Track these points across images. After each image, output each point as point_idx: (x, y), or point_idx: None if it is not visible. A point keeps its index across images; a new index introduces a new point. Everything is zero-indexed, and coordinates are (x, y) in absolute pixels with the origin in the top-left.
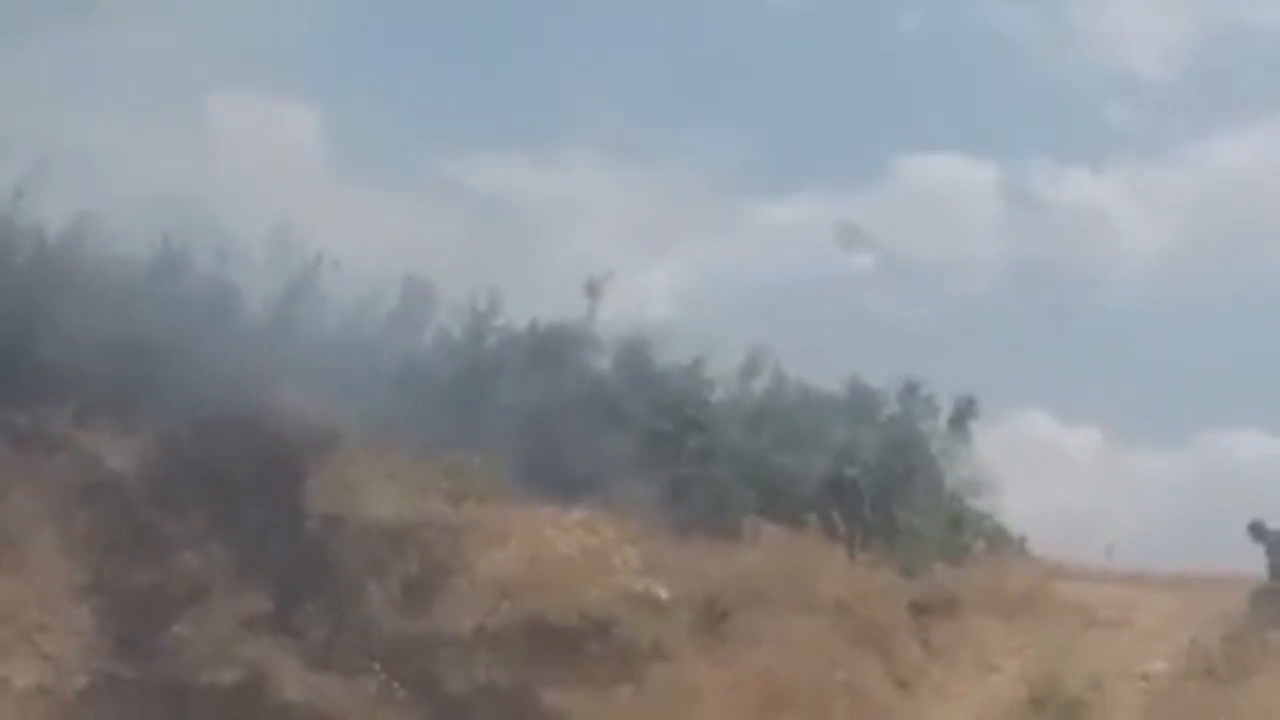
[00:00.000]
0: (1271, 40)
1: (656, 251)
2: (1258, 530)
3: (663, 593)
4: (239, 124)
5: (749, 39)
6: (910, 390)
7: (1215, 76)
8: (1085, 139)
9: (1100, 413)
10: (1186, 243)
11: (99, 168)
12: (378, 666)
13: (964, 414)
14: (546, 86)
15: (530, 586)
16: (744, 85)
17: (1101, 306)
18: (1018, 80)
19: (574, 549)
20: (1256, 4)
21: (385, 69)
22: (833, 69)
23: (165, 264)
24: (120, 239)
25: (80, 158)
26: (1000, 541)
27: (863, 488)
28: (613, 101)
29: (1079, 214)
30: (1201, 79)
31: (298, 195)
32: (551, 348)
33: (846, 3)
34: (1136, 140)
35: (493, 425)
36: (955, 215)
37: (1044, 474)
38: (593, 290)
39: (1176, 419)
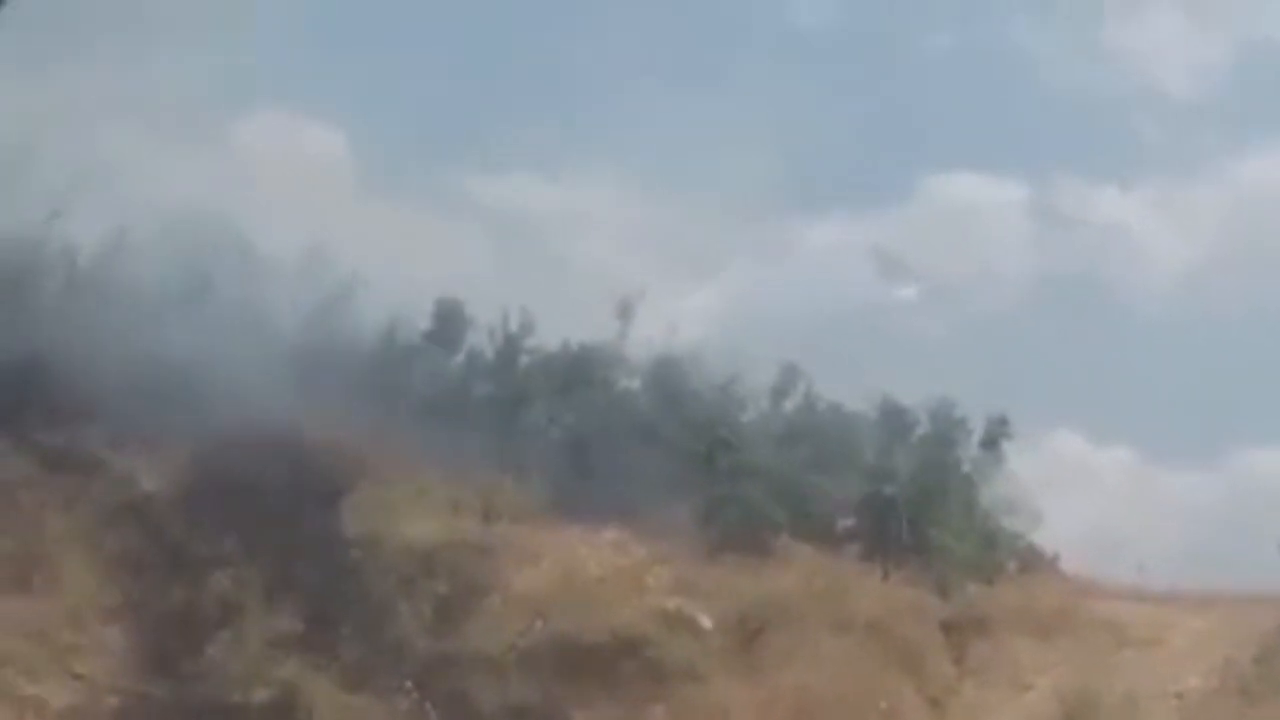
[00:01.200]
0: None
1: (687, 273)
2: None
3: (705, 621)
4: (269, 145)
5: (776, 61)
6: (943, 410)
7: (1245, 93)
8: (1115, 156)
9: (1131, 432)
10: (1216, 259)
11: (131, 189)
12: (410, 685)
13: (996, 434)
14: (576, 109)
15: (562, 606)
16: (772, 107)
17: (1131, 324)
18: (1047, 99)
19: (606, 569)
20: None
21: (415, 90)
22: (861, 89)
23: (197, 285)
24: (153, 260)
25: (112, 179)
26: (1033, 560)
27: (895, 507)
28: (642, 125)
29: (1109, 231)
30: (1231, 96)
31: (328, 215)
32: (583, 368)
33: (875, 24)
34: (1166, 157)
35: (525, 446)
36: (985, 234)
37: (1075, 493)
38: (624, 311)
39: (1207, 438)
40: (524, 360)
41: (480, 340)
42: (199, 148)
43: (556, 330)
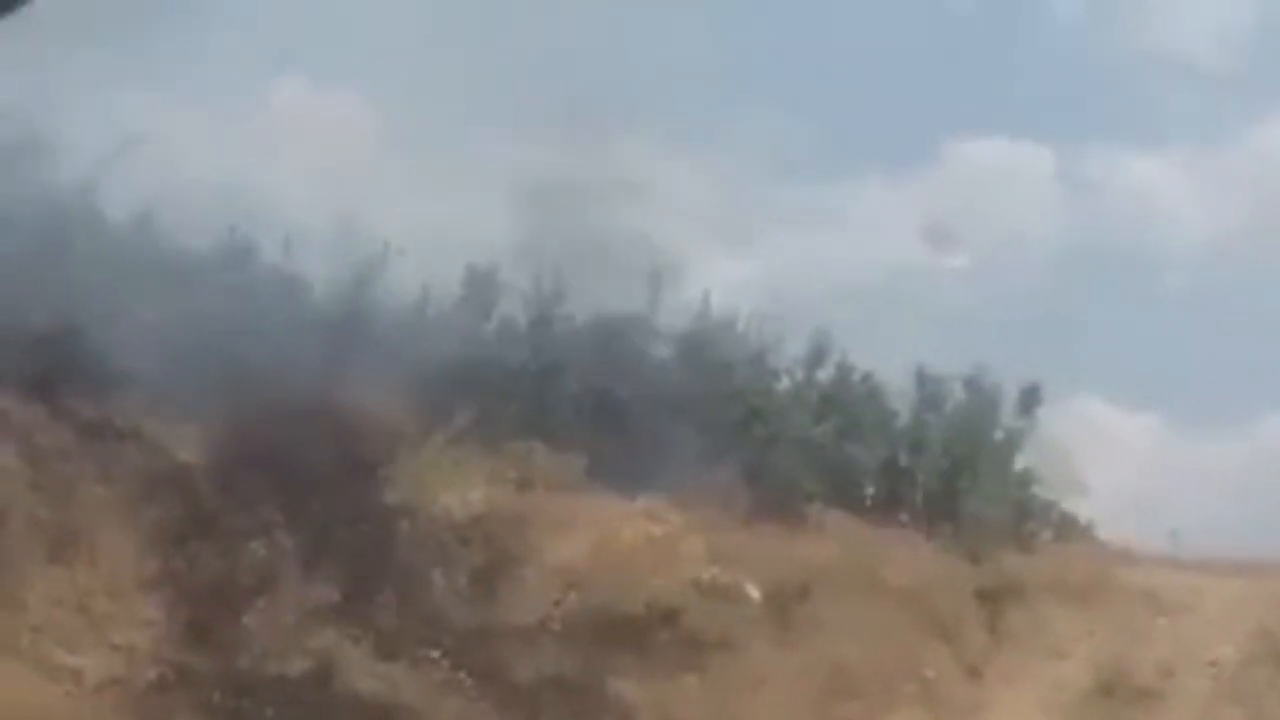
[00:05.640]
0: None
1: (720, 241)
2: None
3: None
4: (300, 113)
5: (801, 25)
6: (975, 378)
7: (1272, 61)
8: (1142, 122)
9: (1160, 398)
10: (1244, 226)
11: (165, 158)
12: (444, 656)
13: (1029, 401)
14: (605, 74)
15: (597, 576)
16: (797, 72)
17: (1159, 290)
18: (1074, 64)
19: (640, 538)
20: None
21: (446, 56)
22: (887, 54)
23: (232, 254)
24: (185, 229)
25: (146, 149)
26: (1067, 528)
27: (929, 475)
28: (668, 90)
29: (1136, 198)
30: (1258, 62)
31: (360, 184)
32: (617, 337)
33: None
34: (1194, 124)
35: (559, 414)
36: (1012, 200)
37: (1104, 460)
38: (658, 279)
39: (1236, 404)
40: (557, 328)
41: (513, 308)
42: (233, 117)
43: (590, 299)
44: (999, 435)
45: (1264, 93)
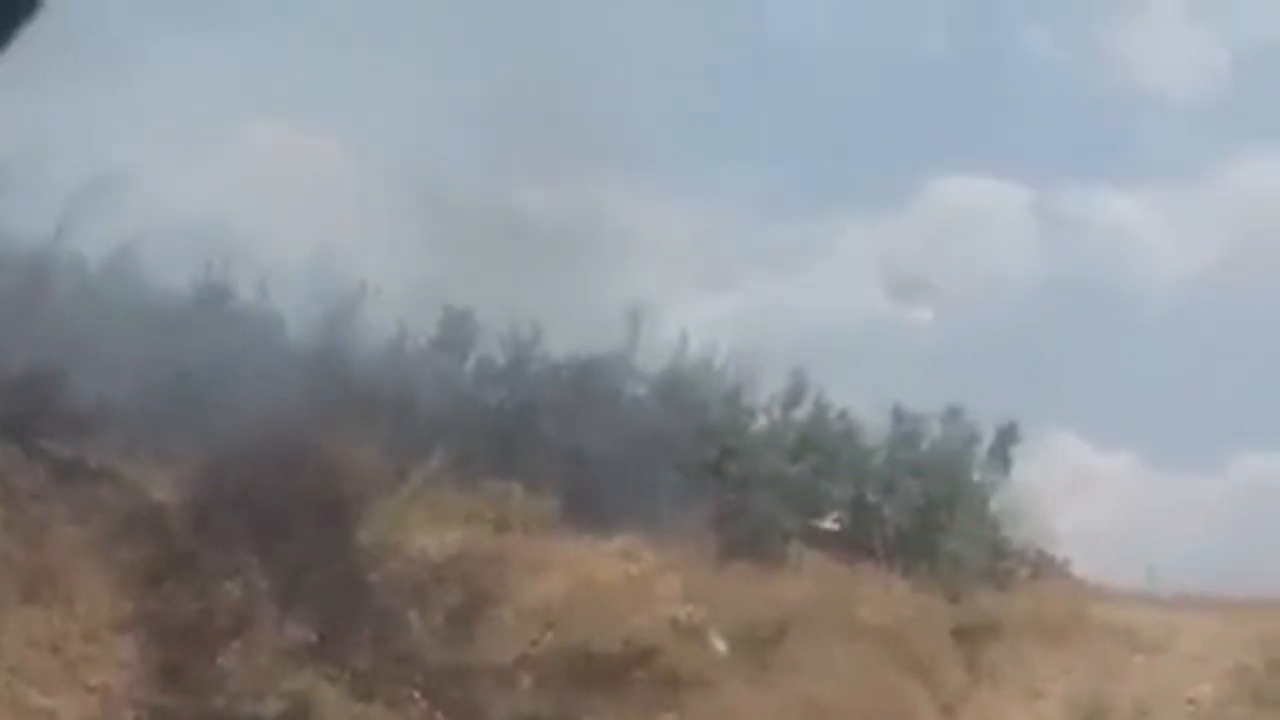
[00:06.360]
0: None
1: (697, 282)
2: None
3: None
4: (275, 153)
5: (775, 69)
6: (952, 416)
7: (1246, 97)
8: (1117, 159)
9: (1135, 437)
10: (1220, 262)
11: (139, 198)
12: (420, 696)
13: (1006, 440)
14: (587, 115)
15: (573, 615)
16: (773, 116)
17: (1134, 327)
18: (1048, 101)
19: (617, 577)
20: None
21: (420, 96)
22: (859, 94)
23: (207, 294)
24: (162, 269)
25: (121, 188)
26: (1043, 565)
27: (905, 513)
28: (644, 133)
29: (1112, 234)
30: (1232, 99)
31: (336, 224)
32: (593, 376)
33: (871, 26)
34: (1168, 160)
35: (536, 454)
36: (989, 237)
37: (1080, 497)
38: (634, 320)
39: (1210, 442)
40: (534, 369)
41: (490, 348)
42: (208, 156)
43: (566, 339)
44: (976, 473)
45: (1239, 129)
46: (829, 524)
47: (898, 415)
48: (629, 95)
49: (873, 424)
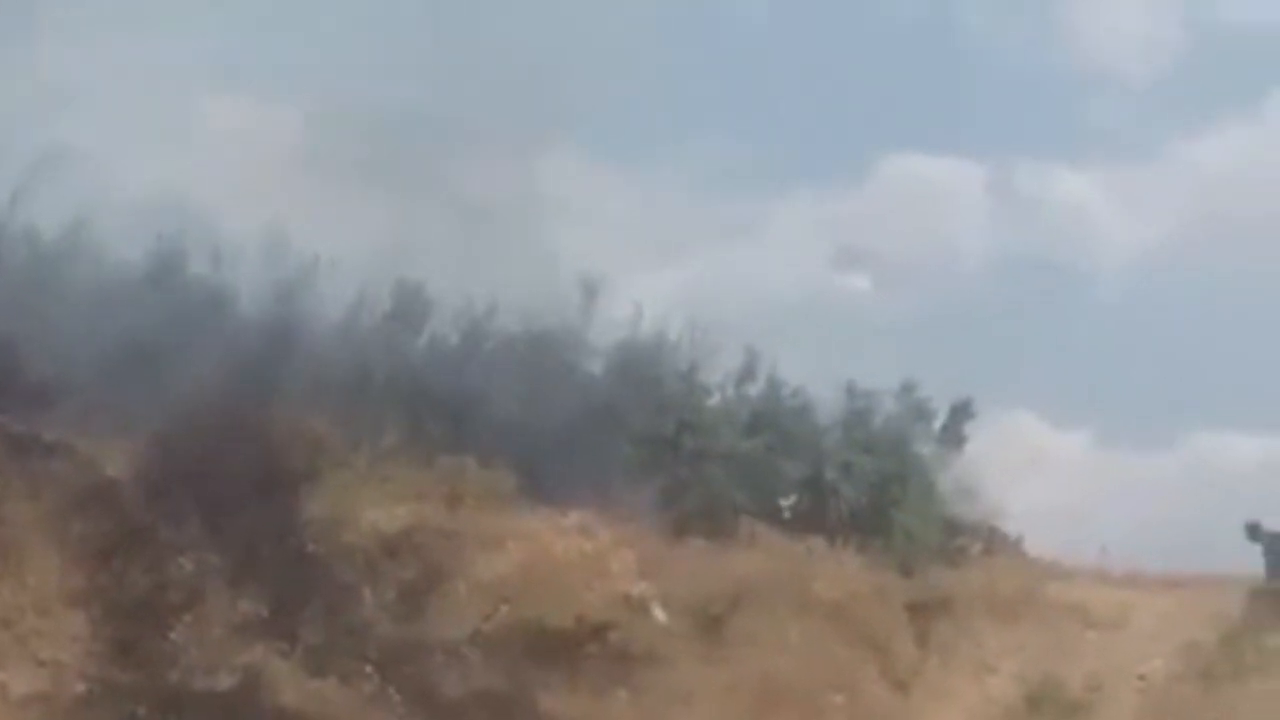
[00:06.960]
0: (1253, 39)
1: (650, 257)
2: (1254, 531)
3: (660, 614)
4: (230, 128)
5: (729, 43)
6: (905, 393)
7: (1199, 76)
8: (1071, 138)
9: (1089, 415)
10: (1172, 241)
11: (94, 172)
12: (373, 670)
13: (959, 416)
14: (539, 90)
15: (527, 591)
16: (728, 90)
17: (1088, 305)
18: (1003, 80)
19: (571, 553)
20: (1239, 2)
21: (377, 69)
22: (816, 71)
23: (160, 268)
24: (115, 243)
25: (75, 162)
26: (996, 542)
27: (858, 490)
28: (601, 107)
29: (1066, 213)
30: (1185, 78)
31: (290, 198)
32: (547, 352)
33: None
34: (1121, 138)
35: (489, 429)
36: (943, 214)
37: (1033, 475)
38: (588, 294)
39: (1163, 420)
40: (488, 344)
41: (443, 323)
42: (163, 131)
43: (522, 314)
44: (928, 449)
45: (1191, 108)
46: (785, 507)
47: (851, 391)
48: (583, 72)
49: (826, 400)
